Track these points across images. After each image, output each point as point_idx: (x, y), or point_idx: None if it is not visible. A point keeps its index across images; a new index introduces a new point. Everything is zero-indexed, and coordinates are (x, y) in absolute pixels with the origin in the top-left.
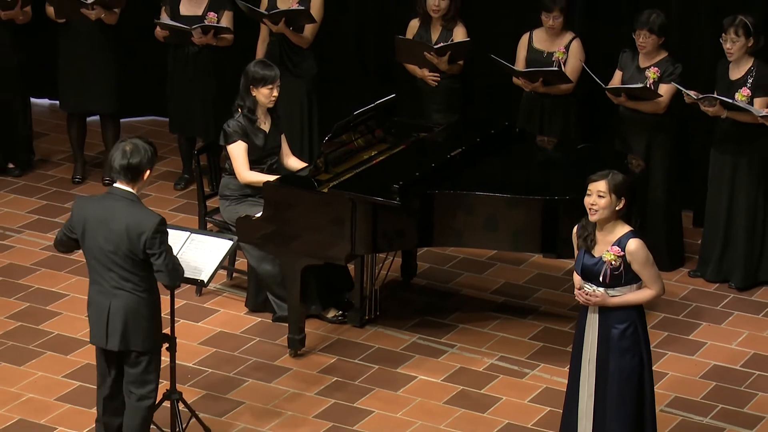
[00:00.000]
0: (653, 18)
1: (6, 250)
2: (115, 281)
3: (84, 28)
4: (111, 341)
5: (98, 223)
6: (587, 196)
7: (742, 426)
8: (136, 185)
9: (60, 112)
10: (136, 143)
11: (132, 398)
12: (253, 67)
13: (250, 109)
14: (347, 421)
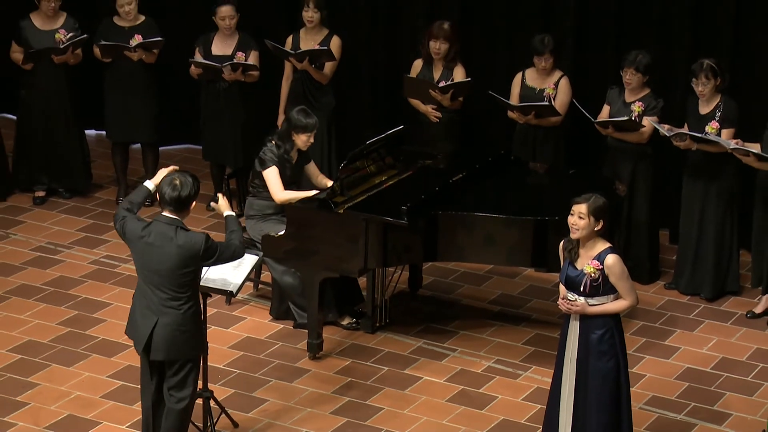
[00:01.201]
0: (639, 58)
1: (57, 264)
2: (164, 300)
3: (127, 68)
4: (156, 353)
5: (153, 248)
6: (570, 215)
7: (712, 422)
8: (182, 214)
9: (106, 141)
10: (184, 178)
11: (171, 401)
12: (297, 115)
13: (287, 150)
14: (360, 417)
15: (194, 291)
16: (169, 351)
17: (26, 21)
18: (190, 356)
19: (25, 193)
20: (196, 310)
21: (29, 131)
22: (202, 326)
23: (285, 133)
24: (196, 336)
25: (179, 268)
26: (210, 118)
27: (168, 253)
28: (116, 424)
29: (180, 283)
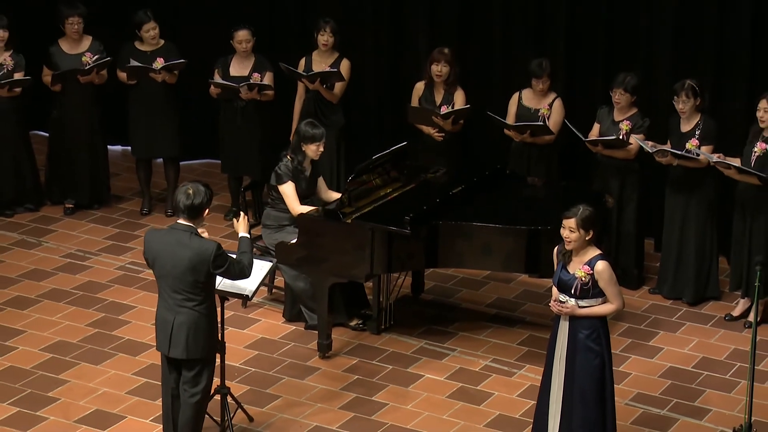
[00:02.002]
0: (628, 79)
1: (86, 270)
2: (180, 301)
3: (150, 88)
4: (174, 350)
5: (167, 253)
6: (562, 228)
7: (693, 417)
8: (196, 221)
9: (131, 156)
10: (197, 188)
11: (185, 395)
12: (304, 127)
13: (300, 161)
14: (366, 412)
15: (208, 294)
16: (186, 349)
17: (55, 47)
18: (205, 355)
19: (56, 205)
20: (210, 312)
21: (59, 147)
22: (216, 327)
23: (296, 145)
24: (210, 336)
25: (192, 271)
26: (228, 134)
27: (181, 257)
28: (140, 418)
29: (193, 285)
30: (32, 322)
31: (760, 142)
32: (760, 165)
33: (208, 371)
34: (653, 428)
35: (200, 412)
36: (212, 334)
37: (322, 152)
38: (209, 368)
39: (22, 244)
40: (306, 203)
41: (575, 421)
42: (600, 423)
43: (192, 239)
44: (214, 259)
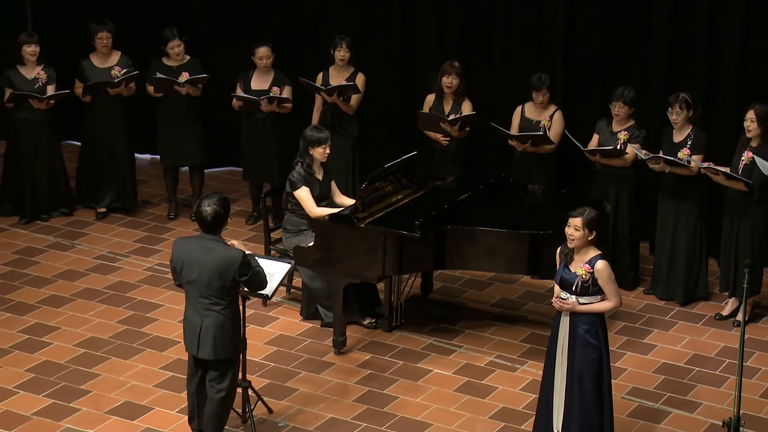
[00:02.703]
0: (626, 93)
1: (116, 271)
2: (207, 305)
3: (176, 100)
4: (203, 351)
5: (195, 260)
6: (567, 226)
7: (685, 410)
8: (219, 230)
9: (158, 164)
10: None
11: (212, 391)
12: (309, 132)
13: (308, 164)
14: (378, 404)
15: (233, 298)
16: (214, 350)
17: (86, 61)
18: (230, 355)
19: (88, 209)
20: (234, 315)
21: (90, 155)
22: (239, 328)
23: (303, 149)
24: (235, 337)
25: (218, 277)
26: (249, 144)
27: (208, 263)
28: (167, 410)
29: (220, 290)
30: (66, 320)
31: (747, 150)
32: (747, 172)
33: (233, 369)
34: (647, 421)
35: (225, 408)
36: (237, 335)
37: (329, 154)
38: (234, 367)
39: (56, 247)
40: (322, 205)
41: (574, 412)
42: (597, 413)
43: (218, 246)
44: (240, 267)
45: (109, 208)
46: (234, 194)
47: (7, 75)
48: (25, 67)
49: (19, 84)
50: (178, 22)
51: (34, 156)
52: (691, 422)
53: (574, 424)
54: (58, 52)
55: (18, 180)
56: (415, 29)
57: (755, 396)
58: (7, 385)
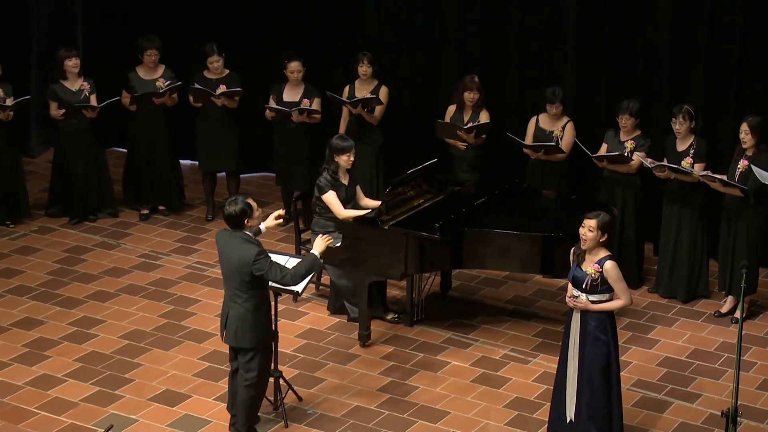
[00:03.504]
0: (631, 105)
1: (158, 268)
2: (231, 296)
3: (215, 111)
4: (227, 338)
5: (224, 253)
6: (581, 227)
7: (686, 401)
8: (241, 227)
9: (197, 169)
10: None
11: (240, 379)
12: (335, 141)
13: (334, 171)
14: (400, 394)
15: (255, 291)
16: (235, 338)
17: (133, 73)
18: (250, 345)
19: (132, 211)
20: (256, 308)
21: (136, 161)
22: (263, 321)
23: (329, 157)
24: (256, 329)
25: (238, 272)
26: (281, 151)
27: (231, 258)
28: (204, 397)
29: (240, 284)
30: (111, 313)
31: (743, 159)
32: (743, 179)
33: (259, 360)
34: (651, 410)
35: (253, 396)
36: (258, 328)
37: (352, 162)
38: (260, 358)
39: (103, 246)
40: (348, 208)
41: (584, 401)
42: (606, 404)
43: (241, 244)
44: (254, 263)
45: (152, 210)
46: (267, 198)
47: (53, 89)
48: (68, 81)
49: (65, 96)
50: (218, 38)
51: (81, 162)
52: (691, 412)
53: (584, 413)
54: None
55: (66, 185)
56: (437, 44)
57: (752, 388)
58: (56, 374)
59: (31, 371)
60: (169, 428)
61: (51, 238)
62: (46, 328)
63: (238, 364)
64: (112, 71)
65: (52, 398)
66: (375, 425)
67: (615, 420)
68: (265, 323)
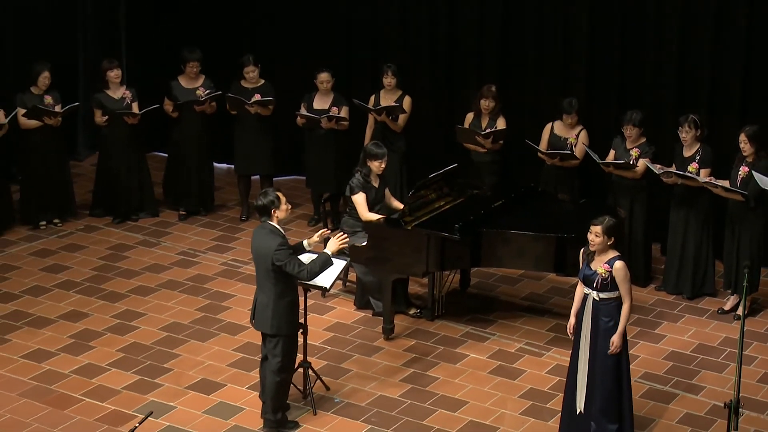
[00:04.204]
0: (634, 116)
1: (195, 265)
2: (259, 284)
3: (249, 118)
4: (254, 323)
5: (255, 244)
6: (589, 233)
7: (691, 393)
8: (272, 219)
9: (233, 172)
10: (267, 191)
11: (268, 365)
12: (370, 147)
13: (366, 174)
14: (422, 384)
15: (279, 280)
16: (259, 323)
17: (175, 82)
18: (273, 332)
19: (172, 211)
20: (280, 298)
21: (175, 164)
22: (285, 310)
23: (362, 161)
24: (278, 316)
25: (263, 259)
26: (311, 156)
27: (258, 247)
28: (238, 386)
29: (266, 270)
30: (152, 307)
31: (743, 166)
32: (744, 184)
33: (283, 348)
34: (658, 401)
35: (278, 381)
36: (280, 315)
37: (384, 168)
38: (284, 346)
39: (144, 244)
40: (375, 210)
41: (597, 393)
42: (617, 395)
43: (267, 234)
44: (274, 252)
45: (190, 210)
46: (297, 200)
47: (97, 98)
48: (111, 89)
49: (108, 104)
50: (254, 50)
51: (124, 165)
52: (696, 403)
53: (596, 404)
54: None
55: (109, 186)
56: (457, 56)
57: (753, 381)
58: (100, 363)
59: (76, 360)
60: (204, 415)
61: (96, 237)
62: (91, 320)
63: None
64: (153, 80)
65: (96, 386)
66: (397, 413)
67: (625, 410)
68: (288, 312)
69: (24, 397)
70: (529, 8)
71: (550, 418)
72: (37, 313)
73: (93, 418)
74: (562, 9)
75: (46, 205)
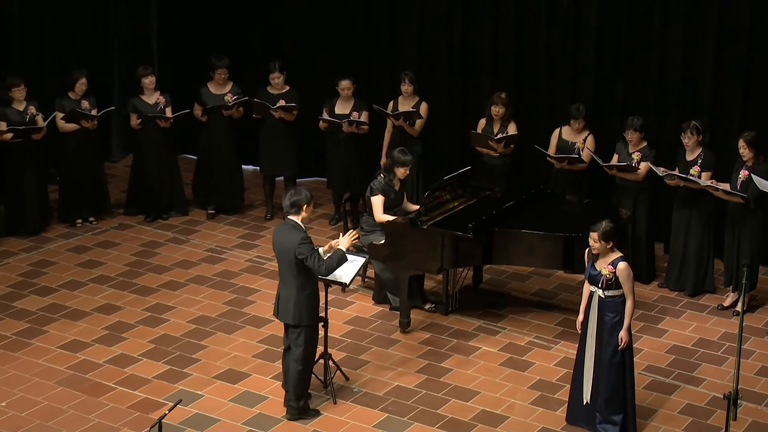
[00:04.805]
0: (635, 121)
1: (222, 261)
2: (282, 277)
3: (274, 122)
4: (278, 315)
5: (278, 240)
6: (589, 237)
7: (691, 384)
8: (300, 215)
9: (259, 174)
10: (298, 189)
11: (290, 355)
12: (397, 154)
13: (390, 179)
14: (436, 375)
15: (301, 274)
16: (282, 314)
17: (204, 88)
18: (296, 322)
19: (200, 210)
20: (302, 291)
21: (204, 165)
22: (307, 302)
23: (389, 166)
24: (300, 308)
25: (286, 253)
26: (333, 158)
27: (283, 243)
28: (262, 376)
29: (289, 263)
30: (181, 301)
31: (743, 170)
32: (744, 187)
33: (305, 337)
34: (660, 392)
35: (300, 370)
36: (302, 307)
37: (407, 175)
38: (306, 336)
39: (174, 241)
40: (392, 213)
41: (602, 384)
42: (621, 388)
43: (290, 230)
44: (298, 246)
45: (218, 209)
46: (319, 200)
47: (132, 103)
48: (145, 95)
49: (144, 109)
50: (280, 57)
51: (156, 167)
52: (696, 395)
53: (601, 395)
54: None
55: (142, 187)
56: (473, 64)
57: (751, 374)
58: (132, 353)
59: (110, 351)
60: (230, 403)
61: (129, 234)
62: (124, 313)
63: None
64: (184, 86)
65: (128, 375)
66: (413, 402)
67: (628, 401)
68: (309, 304)
69: (61, 385)
70: (540, 21)
71: (557, 408)
72: (73, 306)
73: (125, 406)
74: (571, 21)
75: (83, 205)
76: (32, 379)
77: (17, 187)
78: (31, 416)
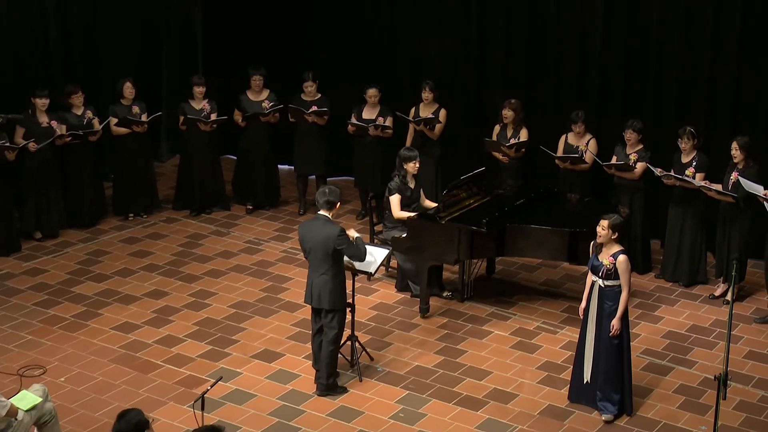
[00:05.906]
0: (634, 123)
1: (259, 252)
2: (314, 268)
3: (307, 126)
4: (314, 302)
5: (311, 234)
6: (598, 225)
7: (685, 366)
8: (331, 212)
9: (293, 173)
10: (331, 188)
11: (324, 338)
12: (403, 152)
13: (404, 176)
14: (452, 356)
15: (333, 264)
16: (319, 301)
17: (243, 95)
18: (331, 307)
19: (240, 206)
20: (334, 278)
21: (243, 165)
22: (339, 287)
23: (399, 165)
24: (334, 294)
25: (323, 246)
26: (360, 159)
27: (318, 236)
28: (295, 356)
29: (324, 257)
30: (222, 287)
31: (735, 172)
32: (735, 188)
33: (337, 320)
34: (656, 374)
35: (332, 351)
36: (335, 292)
37: (418, 168)
38: (338, 319)
39: (216, 233)
40: (409, 209)
41: (601, 366)
42: (619, 369)
43: (324, 224)
44: (336, 238)
45: (255, 205)
46: (347, 197)
47: (182, 106)
48: (194, 101)
49: (190, 113)
50: (313, 68)
51: (200, 166)
52: (689, 376)
53: (601, 375)
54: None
55: (188, 184)
56: (487, 73)
57: (739, 357)
58: (178, 334)
59: (158, 332)
60: (266, 380)
61: (175, 227)
62: (171, 298)
63: (321, 324)
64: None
65: (174, 354)
66: (431, 381)
67: (626, 381)
68: (341, 289)
69: (114, 363)
70: (549, 35)
71: (562, 387)
72: (125, 292)
73: (172, 382)
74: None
75: (134, 200)
76: (88, 357)
77: (76, 184)
78: (87, 390)
